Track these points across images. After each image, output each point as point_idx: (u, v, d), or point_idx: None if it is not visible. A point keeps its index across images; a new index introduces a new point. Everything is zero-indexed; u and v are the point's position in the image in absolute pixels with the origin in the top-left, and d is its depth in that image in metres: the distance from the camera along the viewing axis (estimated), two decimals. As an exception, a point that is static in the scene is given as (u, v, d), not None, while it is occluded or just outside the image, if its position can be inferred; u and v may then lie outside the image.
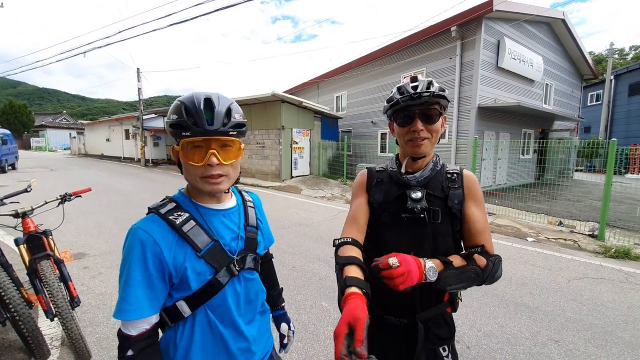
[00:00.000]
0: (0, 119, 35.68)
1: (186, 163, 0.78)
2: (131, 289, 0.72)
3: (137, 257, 0.74)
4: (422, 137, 0.95)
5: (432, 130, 0.96)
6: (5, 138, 13.62)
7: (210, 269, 0.80)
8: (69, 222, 5.18)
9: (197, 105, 0.75)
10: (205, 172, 0.78)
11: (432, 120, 0.96)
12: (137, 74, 17.92)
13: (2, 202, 2.14)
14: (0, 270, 1.88)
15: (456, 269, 0.90)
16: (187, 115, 0.75)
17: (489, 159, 9.92)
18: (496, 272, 0.93)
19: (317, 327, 2.48)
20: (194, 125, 0.74)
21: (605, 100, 20.02)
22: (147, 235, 0.75)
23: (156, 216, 0.80)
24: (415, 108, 0.94)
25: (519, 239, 5.05)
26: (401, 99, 0.94)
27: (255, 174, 12.38)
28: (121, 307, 0.72)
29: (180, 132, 0.75)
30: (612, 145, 4.92)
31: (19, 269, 2.15)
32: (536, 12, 10.33)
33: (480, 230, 0.97)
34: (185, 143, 0.76)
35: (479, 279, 0.91)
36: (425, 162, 1.03)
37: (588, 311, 2.82)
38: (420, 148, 0.96)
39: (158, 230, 0.77)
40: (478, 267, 0.91)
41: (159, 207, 0.82)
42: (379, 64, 12.51)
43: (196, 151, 0.77)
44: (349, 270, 0.81)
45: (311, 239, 4.76)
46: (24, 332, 1.81)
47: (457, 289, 0.91)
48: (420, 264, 0.85)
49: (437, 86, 0.95)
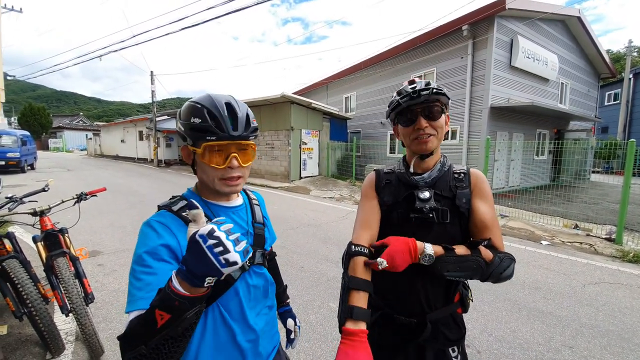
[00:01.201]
0: (20, 121, 37.01)
1: (206, 165, 0.80)
2: (147, 277, 0.68)
3: (151, 245, 0.72)
4: (427, 134, 0.96)
5: (436, 126, 0.97)
6: (25, 139, 14.09)
7: None
8: (84, 220, 5.32)
9: (222, 111, 0.77)
10: (225, 174, 0.80)
11: (435, 117, 0.97)
12: (151, 77, 18.32)
13: (21, 201, 2.22)
14: (19, 267, 1.94)
15: (457, 257, 0.90)
16: (212, 119, 0.76)
17: (501, 160, 9.72)
18: (504, 269, 0.92)
19: (325, 328, 2.48)
20: (219, 131, 0.76)
21: (624, 100, 19.36)
22: (162, 225, 0.76)
23: (168, 212, 0.81)
24: (417, 107, 0.97)
25: (533, 242, 4.93)
26: (402, 100, 0.97)
27: (265, 175, 12.47)
28: (136, 297, 0.65)
29: (204, 136, 0.77)
30: (631, 146, 4.76)
31: (36, 266, 2.23)
32: (550, 10, 10.09)
33: (488, 225, 0.96)
34: (207, 146, 0.78)
35: (481, 271, 0.90)
36: (434, 162, 1.03)
37: (604, 317, 2.73)
38: (427, 145, 0.97)
39: (173, 223, 0.78)
40: (482, 259, 0.91)
41: (171, 204, 0.83)
42: (388, 65, 12.44)
43: (217, 154, 0.79)
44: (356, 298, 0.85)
45: (320, 239, 4.76)
46: (40, 327, 1.87)
47: (456, 277, 0.91)
48: (415, 247, 0.88)
49: (435, 85, 0.97)
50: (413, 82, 0.99)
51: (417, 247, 0.88)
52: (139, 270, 0.69)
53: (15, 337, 2.22)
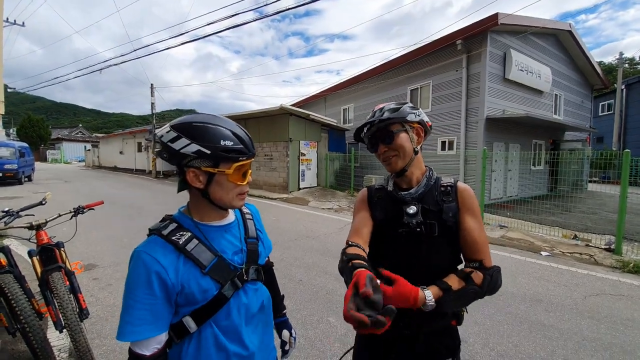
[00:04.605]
0: (19, 133, 37.03)
1: (232, 184, 0.83)
2: (136, 311, 0.73)
3: (141, 279, 0.75)
4: (389, 156, 1.03)
5: (395, 147, 1.02)
6: (23, 151, 14.09)
7: (216, 285, 0.82)
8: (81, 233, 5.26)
9: (244, 133, 0.85)
10: (242, 189, 0.86)
11: (389, 140, 1.02)
12: (151, 89, 18.50)
13: (18, 215, 2.20)
14: (14, 282, 1.92)
15: (454, 293, 0.90)
16: (240, 141, 0.81)
17: (499, 170, 9.78)
18: (495, 283, 0.94)
19: (324, 344, 2.43)
20: (248, 151, 0.83)
21: (617, 110, 19.69)
22: (151, 257, 0.76)
23: (159, 238, 0.81)
24: (377, 133, 1.05)
25: (532, 253, 4.91)
26: (362, 128, 1.08)
27: (263, 186, 12.46)
28: (126, 329, 0.72)
29: (237, 157, 0.80)
30: (626, 157, 4.81)
31: (31, 280, 2.19)
32: (542, 24, 10.36)
33: (477, 242, 0.98)
34: (238, 166, 0.82)
35: (478, 296, 0.93)
36: (416, 176, 1.06)
37: (606, 330, 2.70)
38: (391, 165, 1.04)
39: (162, 251, 0.78)
40: (477, 287, 0.92)
41: (161, 228, 0.83)
42: (385, 77, 12.63)
43: (238, 172, 0.83)
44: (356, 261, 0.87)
45: (318, 251, 4.73)
46: (33, 343, 1.83)
47: (457, 309, 0.94)
48: (416, 297, 0.82)
49: (388, 108, 1.03)
50: (381, 109, 1.05)
51: (419, 298, 0.84)
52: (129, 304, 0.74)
53: (8, 353, 2.17)
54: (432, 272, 0.95)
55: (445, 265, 1.00)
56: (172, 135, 0.78)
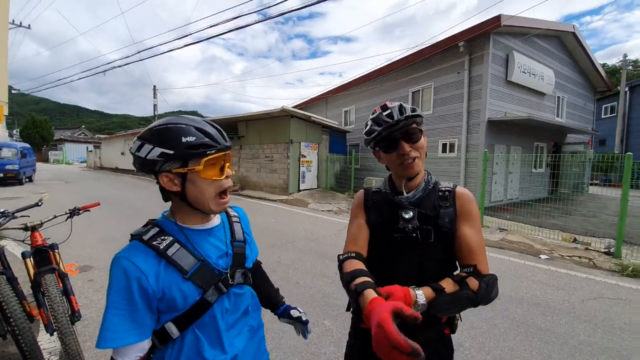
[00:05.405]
0: (22, 134, 37.29)
1: (206, 181, 0.79)
2: (116, 318, 0.72)
3: (121, 286, 0.74)
4: (412, 157, 0.97)
5: (418, 147, 0.99)
6: (25, 151, 14.18)
7: (199, 290, 0.81)
8: (79, 234, 5.28)
9: (213, 127, 0.81)
10: (222, 186, 0.82)
11: (415, 139, 0.98)
12: (154, 91, 18.62)
13: (13, 216, 2.21)
14: (5, 284, 1.91)
15: (447, 296, 0.88)
16: (204, 134, 0.78)
17: (500, 173, 9.74)
18: (490, 292, 0.91)
19: (319, 347, 2.42)
20: (217, 143, 0.79)
21: (620, 113, 19.57)
22: (130, 263, 0.75)
23: (140, 243, 0.80)
24: (396, 133, 0.97)
25: (532, 256, 4.87)
26: (382, 130, 0.98)
27: (263, 187, 12.46)
28: (106, 336, 0.71)
29: (204, 152, 0.77)
30: (628, 160, 4.78)
31: (23, 281, 2.19)
32: (545, 26, 10.32)
33: (474, 250, 0.95)
34: (208, 161, 0.78)
35: (472, 303, 0.89)
36: (419, 180, 1.04)
37: (603, 334, 2.67)
38: (413, 168, 0.98)
39: (142, 257, 0.77)
40: (470, 291, 0.89)
41: (142, 233, 0.82)
42: (386, 79, 12.63)
43: (212, 168, 0.81)
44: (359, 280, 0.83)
45: (316, 254, 4.71)
46: (23, 346, 1.82)
47: (450, 314, 0.90)
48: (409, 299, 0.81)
49: (408, 108, 0.98)
50: (386, 108, 0.99)
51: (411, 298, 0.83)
52: (109, 311, 0.73)
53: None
54: (427, 278, 0.93)
55: (440, 271, 0.98)
56: (137, 144, 0.78)
